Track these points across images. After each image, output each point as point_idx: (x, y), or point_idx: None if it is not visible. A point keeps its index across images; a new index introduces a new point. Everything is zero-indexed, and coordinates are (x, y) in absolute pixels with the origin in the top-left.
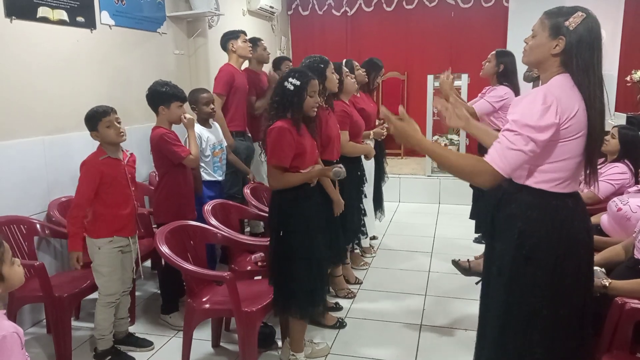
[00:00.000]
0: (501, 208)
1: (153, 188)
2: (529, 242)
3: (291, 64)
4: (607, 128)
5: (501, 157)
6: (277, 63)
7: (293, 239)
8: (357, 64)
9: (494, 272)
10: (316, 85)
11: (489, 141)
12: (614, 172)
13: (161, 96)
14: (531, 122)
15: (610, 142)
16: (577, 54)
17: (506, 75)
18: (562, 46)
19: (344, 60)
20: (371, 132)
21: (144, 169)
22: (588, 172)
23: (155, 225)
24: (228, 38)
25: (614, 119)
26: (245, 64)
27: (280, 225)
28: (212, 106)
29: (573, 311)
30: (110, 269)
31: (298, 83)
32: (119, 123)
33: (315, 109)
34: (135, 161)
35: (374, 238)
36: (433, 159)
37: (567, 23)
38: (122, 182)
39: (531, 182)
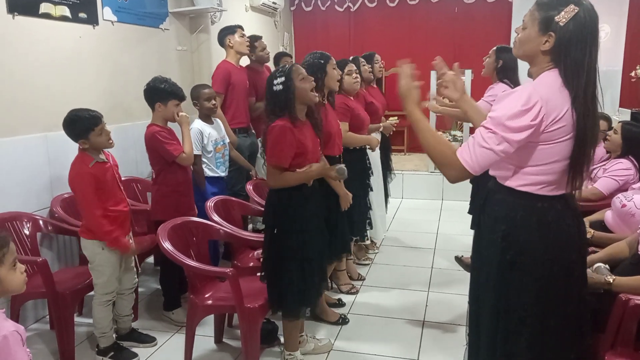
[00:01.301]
0: (485, 209)
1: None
2: (513, 246)
3: (291, 59)
4: (613, 124)
5: (471, 153)
6: (277, 59)
7: (287, 238)
8: (363, 60)
9: (483, 277)
10: (300, 69)
11: (479, 121)
12: (618, 168)
13: (159, 93)
14: (507, 122)
15: (613, 138)
16: (567, 53)
17: (505, 71)
18: (552, 43)
19: (351, 58)
20: (381, 124)
21: (146, 165)
22: (572, 177)
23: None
24: (225, 33)
25: (619, 115)
26: (246, 61)
27: (274, 224)
28: (213, 102)
29: (566, 321)
30: (113, 269)
31: (283, 79)
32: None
33: (316, 94)
34: (117, 164)
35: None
36: (416, 132)
37: (557, 18)
38: (113, 184)
39: (516, 185)
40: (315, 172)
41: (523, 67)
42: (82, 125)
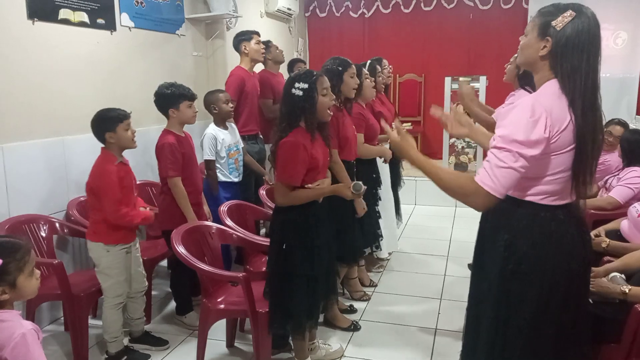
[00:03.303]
0: (488, 218)
1: None
2: (515, 255)
3: (305, 65)
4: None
5: (491, 176)
6: (291, 65)
7: (295, 255)
8: (386, 62)
9: (485, 286)
10: (326, 81)
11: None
12: (632, 176)
13: (168, 98)
14: (519, 138)
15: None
16: (563, 57)
17: (526, 78)
18: (549, 48)
19: (368, 62)
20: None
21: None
22: (575, 185)
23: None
24: (241, 39)
25: (636, 123)
26: (260, 66)
27: (283, 240)
28: (231, 105)
29: (562, 330)
30: (119, 271)
31: (306, 86)
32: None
33: (330, 111)
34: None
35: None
36: (426, 175)
37: (554, 23)
38: (131, 188)
39: (519, 194)
40: (328, 190)
41: None
42: (112, 115)
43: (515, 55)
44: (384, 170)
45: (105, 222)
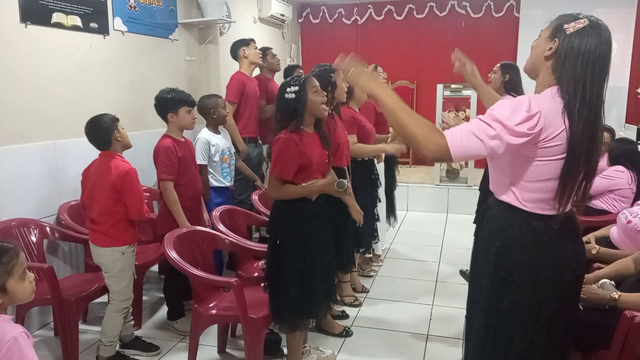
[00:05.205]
0: (483, 225)
1: None
2: (507, 263)
3: (302, 71)
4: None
5: (461, 137)
6: (289, 71)
7: (287, 249)
8: (380, 69)
9: (477, 291)
10: (314, 81)
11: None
12: (612, 169)
13: (168, 103)
14: (507, 122)
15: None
16: (566, 61)
17: (512, 84)
18: (554, 49)
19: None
20: (390, 135)
21: (155, 174)
22: (559, 193)
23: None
24: (239, 45)
25: (625, 131)
26: (257, 72)
27: (276, 235)
28: (227, 110)
29: (555, 343)
30: (131, 273)
31: (297, 88)
32: None
33: (325, 107)
34: None
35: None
36: (387, 109)
37: (566, 26)
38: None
39: (512, 201)
40: (316, 188)
41: (527, 83)
42: (109, 120)
43: (499, 65)
44: (380, 170)
45: (122, 223)
